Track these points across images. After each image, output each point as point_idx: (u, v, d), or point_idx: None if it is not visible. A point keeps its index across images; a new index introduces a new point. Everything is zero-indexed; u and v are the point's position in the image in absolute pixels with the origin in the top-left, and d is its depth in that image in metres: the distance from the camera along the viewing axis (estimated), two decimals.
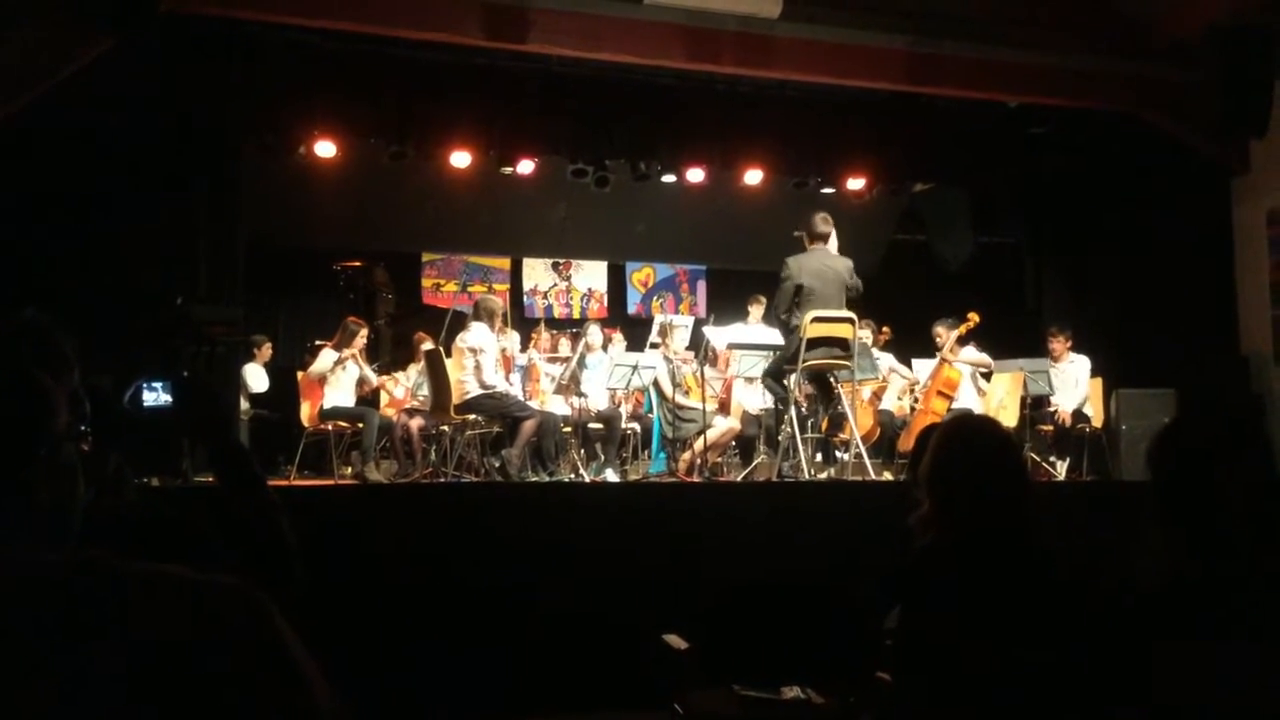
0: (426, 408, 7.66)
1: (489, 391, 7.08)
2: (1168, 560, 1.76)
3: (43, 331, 1.81)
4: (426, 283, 10.77)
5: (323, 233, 9.61)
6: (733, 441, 8.03)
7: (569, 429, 7.75)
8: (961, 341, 8.03)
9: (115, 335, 5.58)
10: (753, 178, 8.60)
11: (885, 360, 8.32)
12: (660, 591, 5.14)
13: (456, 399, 7.14)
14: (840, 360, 6.67)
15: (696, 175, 8.49)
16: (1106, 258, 8.70)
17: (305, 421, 7.55)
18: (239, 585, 1.07)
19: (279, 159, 7.80)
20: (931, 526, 2.36)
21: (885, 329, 8.70)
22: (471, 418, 7.45)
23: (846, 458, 7.10)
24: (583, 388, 7.80)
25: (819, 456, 7.45)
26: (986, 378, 8.17)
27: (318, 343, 8.25)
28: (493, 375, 7.11)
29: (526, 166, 8.31)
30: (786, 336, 6.80)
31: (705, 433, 7.38)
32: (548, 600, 5.20)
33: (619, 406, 8.18)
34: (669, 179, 8.56)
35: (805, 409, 7.10)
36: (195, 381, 1.89)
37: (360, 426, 7.35)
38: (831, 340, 6.61)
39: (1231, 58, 7.24)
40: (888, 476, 7.22)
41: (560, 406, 7.95)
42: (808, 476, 6.64)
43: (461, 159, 7.98)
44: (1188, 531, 1.75)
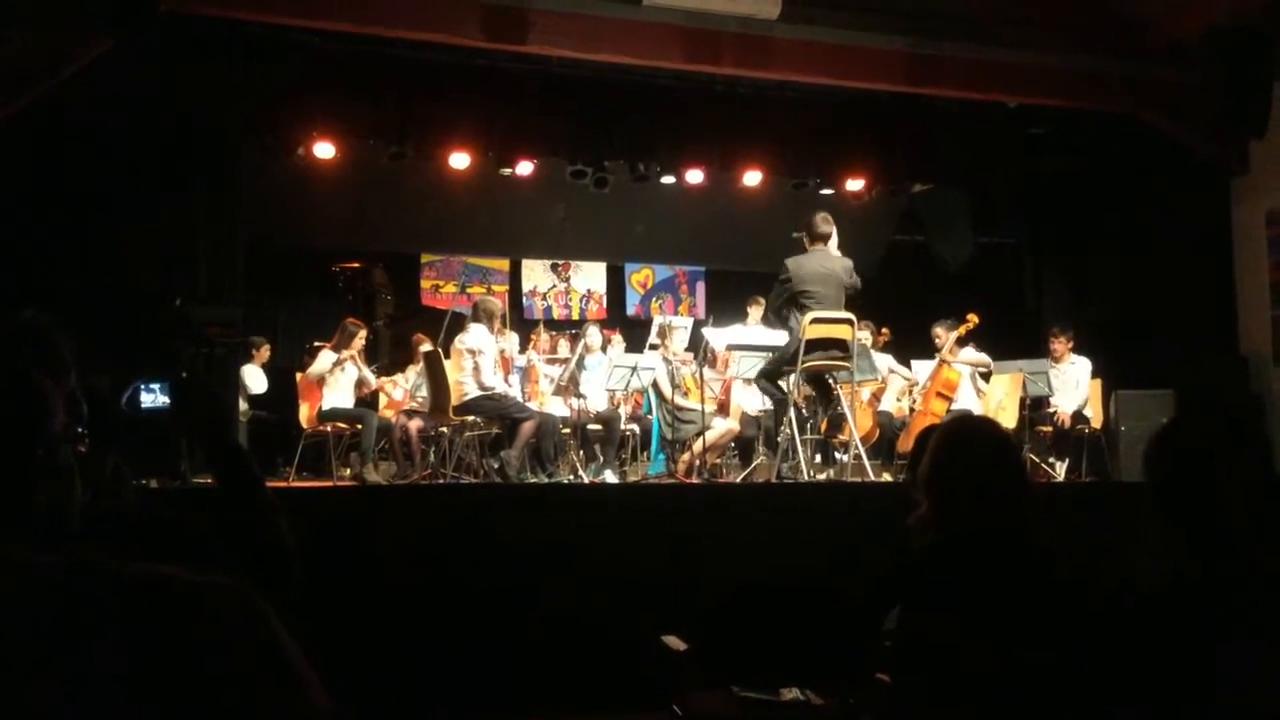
0: (425, 409, 7.66)
1: (488, 393, 7.08)
2: (1167, 560, 1.76)
3: (41, 332, 1.81)
4: (425, 284, 10.77)
5: (322, 234, 9.60)
6: (732, 443, 8.02)
7: (568, 430, 7.74)
8: (961, 342, 8.03)
9: (114, 336, 5.58)
10: (752, 179, 8.59)
11: (884, 361, 8.31)
12: (659, 593, 5.14)
13: (455, 400, 7.14)
14: (839, 362, 6.67)
15: (696, 176, 8.48)
16: (1106, 258, 8.70)
17: (304, 423, 7.55)
18: (235, 587, 1.07)
19: (278, 160, 7.79)
20: (931, 527, 2.36)
21: (885, 330, 8.69)
22: (470, 419, 7.45)
23: (846, 459, 7.10)
24: (582, 389, 7.80)
25: (818, 458, 7.45)
26: (985, 378, 8.16)
27: (316, 344, 8.25)
28: (491, 377, 7.11)
29: (525, 167, 8.31)
30: (781, 327, 6.80)
31: (704, 434, 7.38)
32: (547, 601, 5.20)
33: (618, 408, 8.18)
34: (668, 180, 8.55)
35: (805, 410, 7.10)
36: (193, 383, 1.89)
37: (359, 428, 7.35)
38: (830, 341, 6.61)
39: (1231, 59, 7.25)
40: (887, 478, 7.22)
41: (559, 408, 7.94)
42: (807, 478, 6.64)
43: (461, 160, 7.98)
44: (1187, 532, 1.75)
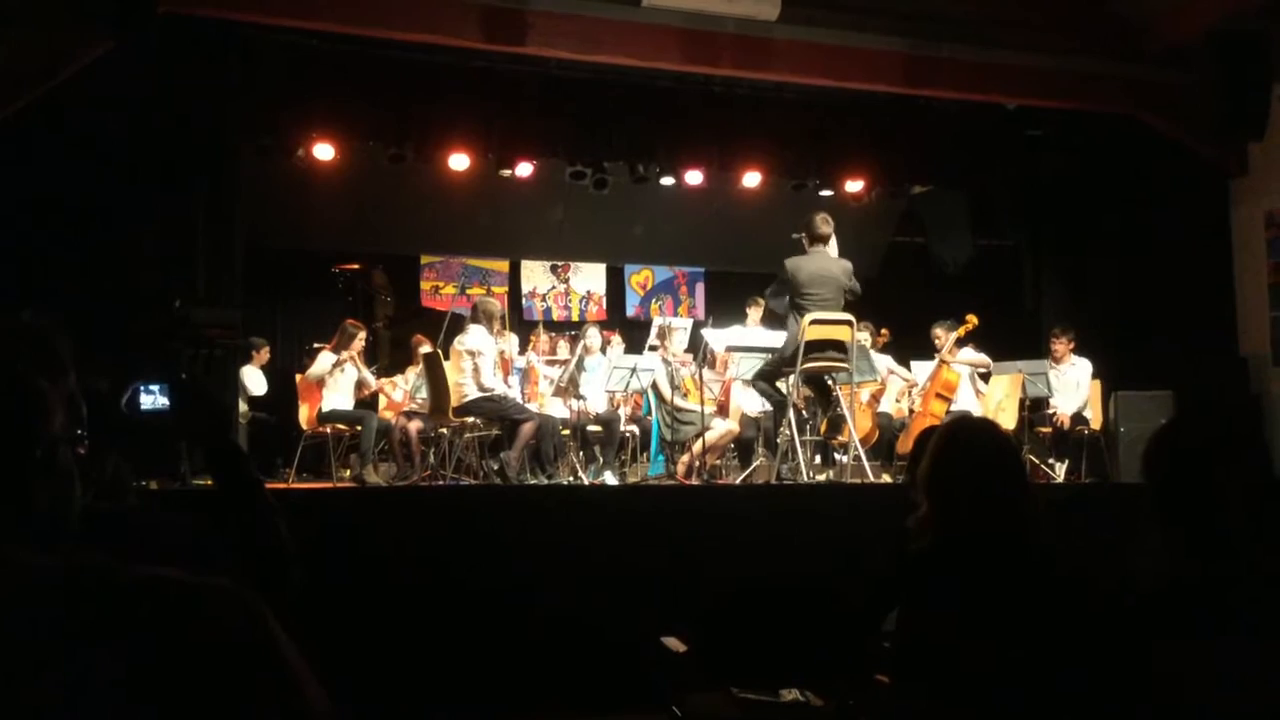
0: (425, 410, 7.66)
1: (487, 394, 7.08)
2: (1166, 561, 1.76)
3: (40, 334, 1.80)
4: (425, 285, 10.76)
5: (321, 235, 9.60)
6: (731, 444, 8.02)
7: (567, 431, 7.74)
8: (960, 343, 8.03)
9: (113, 337, 5.57)
10: (751, 180, 8.58)
11: (884, 362, 8.31)
12: (659, 594, 5.15)
13: (455, 401, 7.14)
14: (838, 363, 6.67)
15: (695, 177, 8.47)
16: (1105, 260, 8.70)
17: (304, 424, 7.55)
18: (234, 589, 1.07)
19: (278, 161, 7.79)
20: (930, 528, 2.36)
21: (884, 331, 8.70)
22: (470, 420, 7.45)
23: (845, 460, 7.10)
24: (581, 390, 7.80)
25: (818, 459, 7.45)
26: (985, 379, 8.17)
27: (316, 345, 8.24)
28: (491, 378, 7.11)
29: (525, 169, 8.31)
30: (779, 317, 6.80)
31: (704, 435, 7.38)
32: (547, 603, 5.20)
33: (618, 409, 8.17)
34: (667, 181, 8.54)
35: (804, 412, 7.10)
36: (192, 384, 1.89)
37: (359, 429, 7.35)
38: (830, 343, 6.62)
39: (1229, 61, 7.26)
40: (886, 479, 7.22)
41: (559, 409, 7.94)
42: (806, 479, 6.64)
43: (460, 161, 7.97)
44: (1186, 532, 1.75)
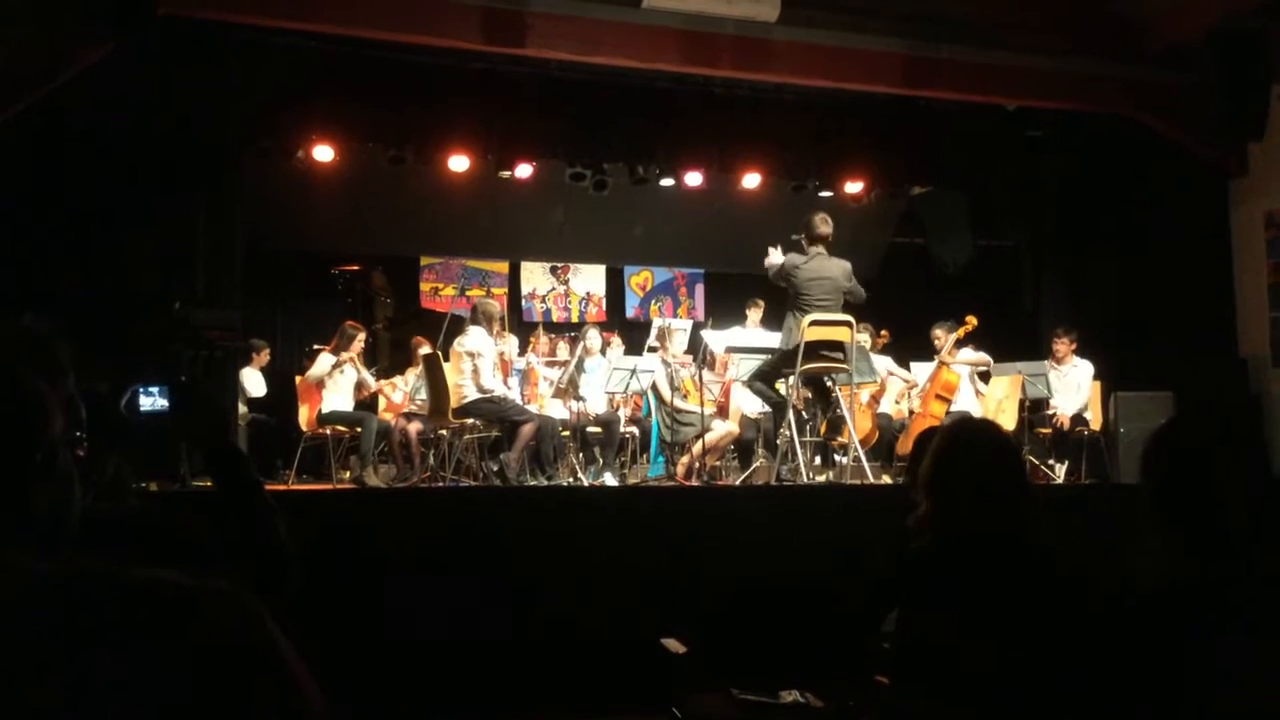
0: (425, 412, 7.66)
1: (487, 395, 7.08)
2: (1166, 561, 1.76)
3: (39, 337, 1.80)
4: (425, 286, 10.76)
5: (321, 237, 9.60)
6: (731, 445, 8.02)
7: (567, 433, 7.74)
8: (960, 344, 8.04)
9: (113, 339, 5.57)
10: (751, 181, 8.59)
11: (883, 363, 8.31)
12: (659, 595, 5.15)
13: (455, 403, 7.14)
14: (838, 364, 6.67)
15: (694, 179, 8.48)
16: (1105, 260, 8.70)
17: (303, 426, 7.55)
18: (232, 591, 1.07)
19: (277, 163, 7.79)
20: (930, 527, 2.36)
21: (884, 332, 8.70)
22: (470, 422, 7.45)
23: (845, 461, 7.10)
24: (581, 391, 7.80)
25: (817, 460, 7.44)
26: (985, 379, 8.17)
27: (315, 347, 8.24)
28: (491, 379, 7.11)
29: (525, 170, 8.31)
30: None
31: (703, 436, 7.38)
32: (547, 604, 5.20)
33: (617, 410, 8.17)
34: (667, 182, 8.55)
35: (804, 413, 7.10)
36: (191, 386, 1.89)
37: (358, 431, 7.35)
38: (829, 344, 6.62)
39: (1229, 61, 7.25)
40: (886, 480, 7.22)
41: (559, 410, 7.94)
42: (806, 480, 6.64)
43: (460, 163, 7.97)
44: (1185, 533, 1.75)
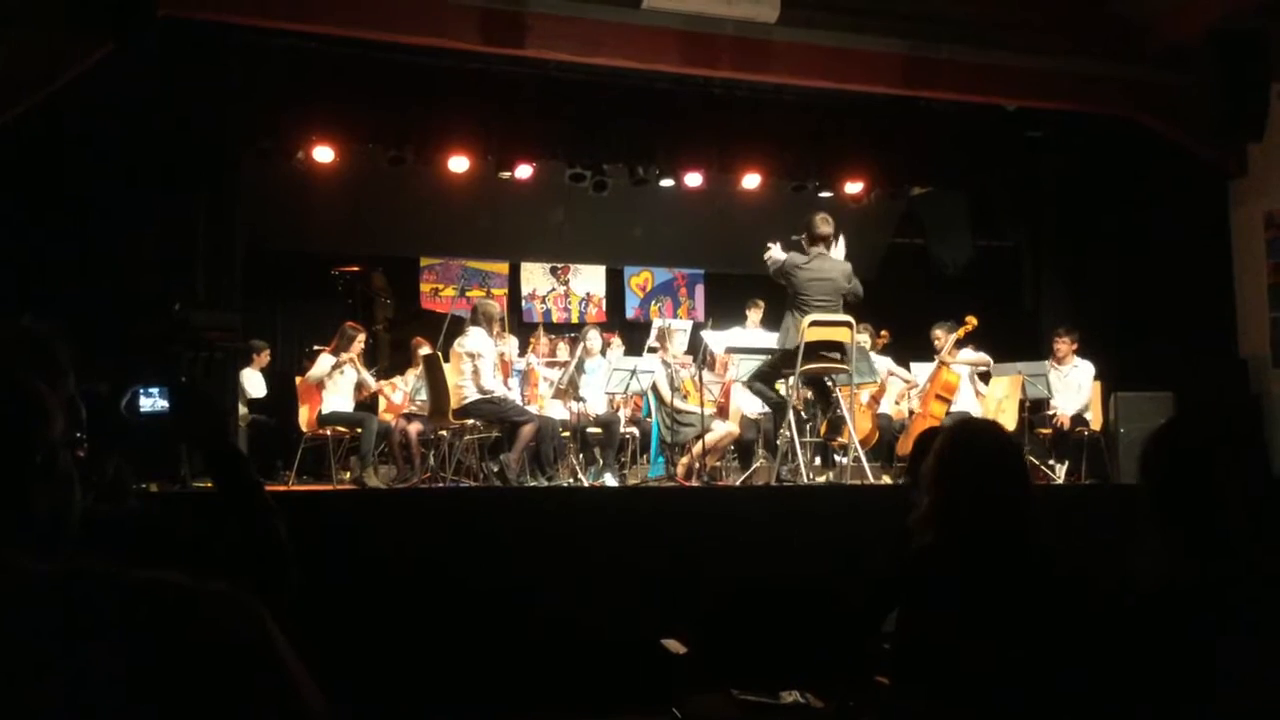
0: (425, 413, 7.66)
1: (487, 396, 7.08)
2: (1166, 561, 1.76)
3: (39, 338, 1.80)
4: (425, 287, 10.76)
5: (321, 237, 9.60)
6: (731, 445, 8.02)
7: (567, 433, 7.74)
8: (960, 345, 8.04)
9: (113, 340, 5.57)
10: (750, 182, 8.59)
11: (883, 363, 8.31)
12: (659, 595, 5.15)
13: (455, 404, 7.14)
14: (838, 364, 6.67)
15: (694, 179, 8.48)
16: (1105, 261, 8.70)
17: (304, 427, 7.55)
18: (232, 592, 1.07)
19: (277, 164, 7.79)
20: (931, 526, 2.37)
21: (884, 332, 8.70)
22: (470, 422, 7.45)
23: (845, 461, 7.09)
24: (581, 392, 7.80)
25: (817, 460, 7.44)
26: (985, 379, 8.16)
27: (315, 348, 8.24)
28: (491, 380, 7.11)
29: (524, 171, 8.32)
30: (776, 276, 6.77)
31: (704, 437, 7.38)
32: (547, 604, 5.20)
33: (617, 411, 8.17)
34: (667, 183, 8.55)
35: (804, 413, 7.10)
36: (191, 387, 1.89)
37: (359, 431, 7.35)
38: (829, 344, 6.62)
39: (1229, 61, 7.26)
40: (886, 480, 7.21)
41: (559, 411, 7.94)
42: (806, 480, 6.64)
43: (459, 163, 7.98)
44: (1186, 532, 1.75)
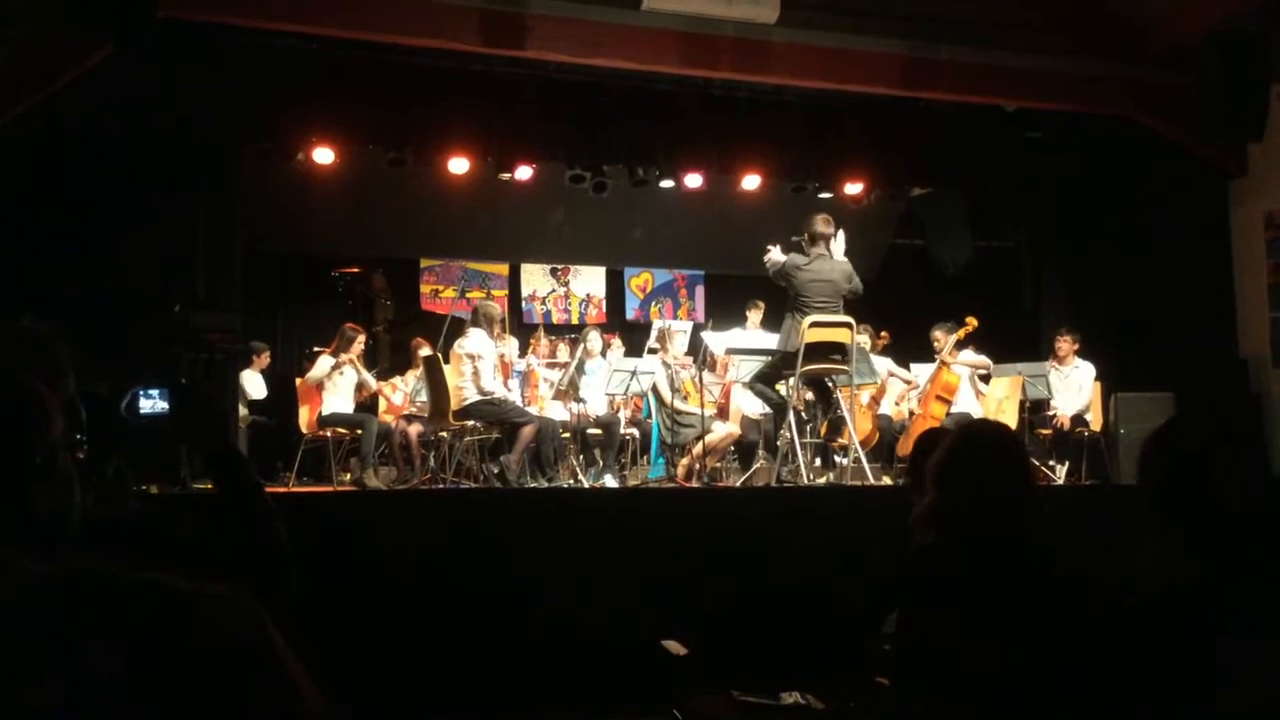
0: (425, 414, 7.66)
1: (487, 397, 7.08)
2: (1166, 561, 1.76)
3: (39, 339, 1.80)
4: (425, 288, 10.75)
5: (321, 239, 9.60)
6: (731, 446, 8.02)
7: (568, 435, 7.74)
8: (960, 345, 8.03)
9: (113, 341, 5.57)
10: (750, 183, 8.59)
11: (883, 364, 8.31)
12: (659, 596, 5.15)
13: (455, 405, 7.14)
14: (838, 365, 6.67)
15: (694, 180, 8.48)
16: (1105, 261, 8.70)
17: (304, 428, 7.55)
18: (232, 594, 1.07)
19: (277, 165, 7.80)
20: (932, 524, 2.37)
21: (884, 333, 8.71)
22: (470, 424, 7.45)
23: (845, 462, 7.10)
24: (581, 393, 7.80)
25: (818, 461, 7.45)
26: (985, 380, 8.16)
27: (315, 349, 8.25)
28: (491, 381, 7.11)
29: (525, 172, 8.32)
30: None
31: (704, 438, 7.38)
32: (547, 605, 5.20)
33: (618, 412, 8.17)
34: (667, 184, 8.55)
35: (804, 414, 7.10)
36: (191, 388, 1.89)
37: (359, 433, 7.35)
38: (829, 345, 6.62)
39: (1229, 62, 7.25)
40: (887, 481, 7.21)
41: (559, 412, 7.94)
42: (806, 481, 6.64)
43: (460, 165, 7.98)
44: (1185, 532, 1.75)
